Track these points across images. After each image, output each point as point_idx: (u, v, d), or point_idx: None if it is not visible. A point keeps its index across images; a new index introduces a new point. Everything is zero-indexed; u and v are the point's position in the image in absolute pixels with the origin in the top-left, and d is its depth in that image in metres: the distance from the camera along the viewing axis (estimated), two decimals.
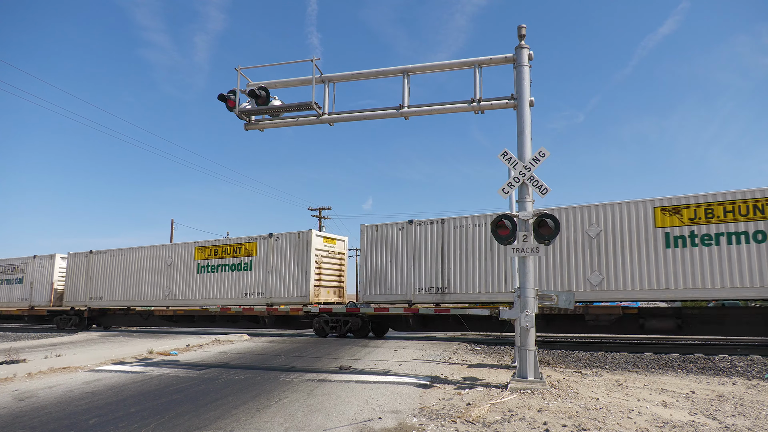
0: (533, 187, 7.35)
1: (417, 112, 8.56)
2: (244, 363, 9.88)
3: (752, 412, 5.55)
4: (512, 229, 7.24)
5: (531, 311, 7.15)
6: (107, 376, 8.45)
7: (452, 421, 5.21)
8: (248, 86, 9.15)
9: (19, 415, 5.72)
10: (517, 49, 7.97)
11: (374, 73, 8.87)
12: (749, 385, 7.17)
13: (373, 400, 6.25)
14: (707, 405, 5.91)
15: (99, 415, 5.68)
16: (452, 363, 9.64)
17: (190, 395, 6.71)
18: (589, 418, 5.26)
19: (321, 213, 38.20)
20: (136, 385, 7.50)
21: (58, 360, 10.24)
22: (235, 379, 7.96)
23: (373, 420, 5.29)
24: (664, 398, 6.29)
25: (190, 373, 8.65)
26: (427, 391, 6.80)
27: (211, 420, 5.35)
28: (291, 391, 6.87)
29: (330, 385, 7.31)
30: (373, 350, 11.85)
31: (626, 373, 8.42)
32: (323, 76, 8.99)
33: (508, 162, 7.52)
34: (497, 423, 5.10)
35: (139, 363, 10.01)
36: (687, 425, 4.99)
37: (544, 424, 5.01)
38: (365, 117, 8.91)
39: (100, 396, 6.76)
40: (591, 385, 7.16)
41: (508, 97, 8.03)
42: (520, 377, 7.10)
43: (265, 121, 9.30)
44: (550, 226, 7.02)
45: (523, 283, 7.29)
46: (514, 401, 6.08)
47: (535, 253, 7.18)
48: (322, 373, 8.51)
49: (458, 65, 8.49)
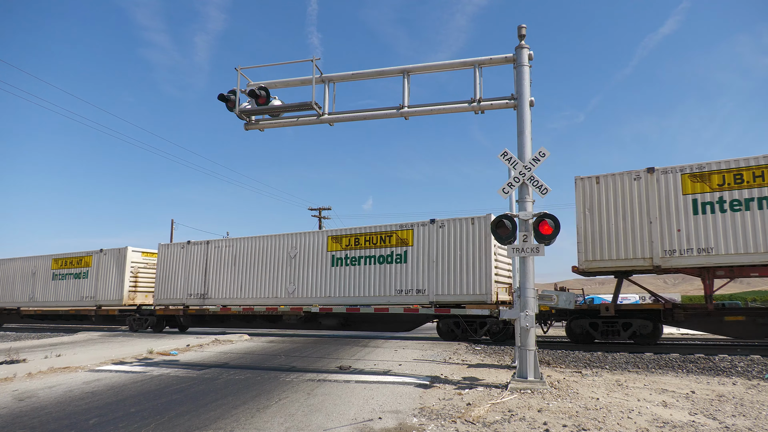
0: (533, 187, 7.35)
1: (417, 112, 8.56)
2: (244, 363, 9.89)
3: (752, 412, 5.55)
4: (512, 229, 7.24)
5: (531, 311, 7.15)
6: (107, 376, 8.45)
7: (452, 421, 5.21)
8: (248, 86, 9.15)
9: (19, 415, 5.72)
10: (517, 49, 7.96)
11: (374, 73, 8.87)
12: (749, 385, 7.17)
13: (373, 400, 6.25)
14: (707, 405, 5.90)
15: (99, 415, 5.68)
16: (452, 363, 9.64)
17: (190, 395, 6.71)
18: (589, 418, 5.26)
19: (321, 213, 38.21)
20: (136, 385, 7.50)
21: (58, 360, 10.24)
22: (235, 379, 7.96)
23: (373, 420, 5.29)
24: (664, 398, 6.29)
25: (190, 373, 8.65)
26: (427, 391, 6.80)
27: (211, 420, 5.35)
28: (291, 391, 6.87)
29: (330, 385, 7.31)
30: (373, 350, 11.85)
31: (626, 373, 8.42)
32: (323, 76, 8.99)
33: (508, 162, 7.52)
34: (497, 423, 5.10)
35: (139, 363, 10.01)
36: (687, 425, 4.99)
37: (544, 424, 5.01)
38: (365, 117, 8.91)
39: (100, 396, 6.76)
40: (591, 385, 7.16)
41: (508, 97, 8.03)
42: (520, 377, 7.10)
43: (265, 121, 9.30)
44: (550, 226, 7.02)
45: (523, 283, 7.28)
46: (514, 401, 6.08)
47: (536, 253, 7.17)
48: (322, 373, 8.51)
49: (458, 65, 8.49)
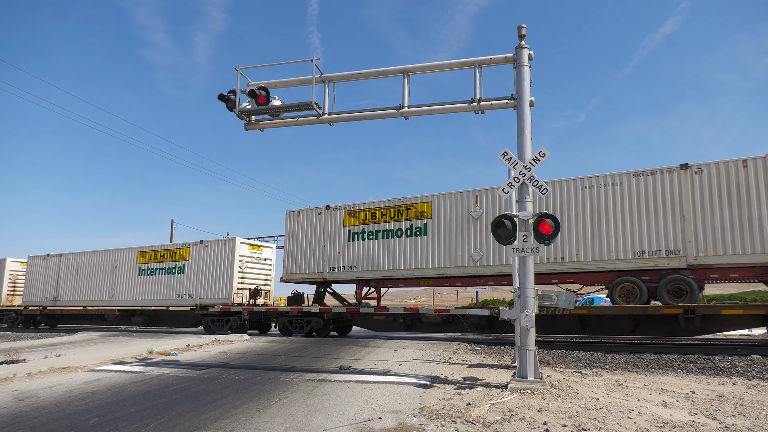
0: (533, 187, 7.35)
1: (417, 112, 8.56)
2: (244, 363, 9.88)
3: (752, 412, 5.55)
4: (512, 229, 7.24)
5: (531, 311, 7.14)
6: (107, 376, 8.45)
7: (452, 421, 5.21)
8: (248, 86, 9.14)
9: (19, 415, 5.72)
10: (517, 49, 7.96)
11: (374, 73, 8.87)
12: (749, 385, 7.17)
13: (373, 400, 6.25)
14: (707, 405, 5.90)
15: (99, 415, 5.68)
16: (452, 363, 9.64)
17: (190, 395, 6.71)
18: (589, 418, 5.26)
19: None
20: (136, 385, 7.50)
21: (58, 360, 10.24)
22: (235, 379, 7.96)
23: (373, 420, 5.29)
24: (664, 398, 6.29)
25: (190, 373, 8.64)
26: (427, 391, 6.80)
27: (211, 420, 5.35)
28: (291, 391, 6.87)
29: (330, 385, 7.31)
30: (373, 350, 11.85)
31: (626, 373, 8.42)
32: (323, 76, 8.99)
33: (508, 162, 7.52)
34: (497, 423, 5.10)
35: (139, 363, 10.01)
36: (687, 425, 4.99)
37: (544, 424, 5.01)
38: (365, 117, 8.91)
39: (100, 396, 6.75)
40: (591, 385, 7.16)
41: (508, 97, 8.02)
42: (520, 377, 7.10)
43: (265, 121, 9.30)
44: (550, 226, 7.02)
45: (523, 283, 7.28)
46: (514, 401, 6.07)
47: (536, 252, 7.17)
48: (322, 373, 8.50)
49: (458, 65, 8.49)
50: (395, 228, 15.18)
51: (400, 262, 15.07)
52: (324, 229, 16.34)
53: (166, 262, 19.90)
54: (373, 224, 15.52)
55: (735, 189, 11.41)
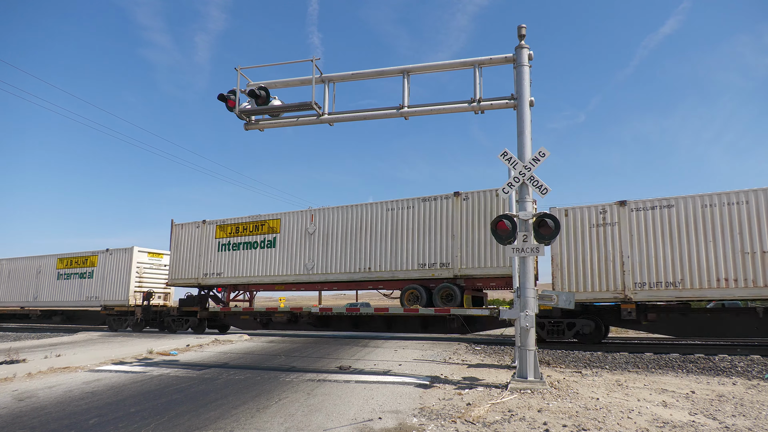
0: (533, 187, 7.35)
1: (417, 112, 8.56)
2: (244, 363, 9.88)
3: (752, 412, 5.55)
4: (512, 228, 7.24)
5: (531, 311, 7.14)
6: (107, 376, 8.45)
7: (452, 421, 5.21)
8: (248, 86, 9.14)
9: (19, 415, 5.72)
10: (517, 49, 7.96)
11: (374, 73, 8.87)
12: (749, 385, 7.17)
13: (373, 400, 6.25)
14: (707, 405, 5.90)
15: (99, 415, 5.68)
16: (452, 363, 9.64)
17: (190, 395, 6.71)
18: (589, 418, 5.26)
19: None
20: (135, 385, 7.50)
21: (58, 360, 10.24)
22: (235, 379, 7.95)
23: (373, 420, 5.29)
24: (664, 398, 6.29)
25: (190, 373, 8.64)
26: (427, 391, 6.80)
27: (211, 420, 5.35)
28: (291, 391, 6.87)
29: (330, 385, 7.31)
30: (373, 350, 11.85)
31: (626, 373, 8.42)
32: (323, 76, 8.99)
33: (508, 162, 7.52)
34: (497, 423, 5.10)
35: (139, 363, 10.01)
36: (687, 425, 4.99)
37: (544, 424, 5.01)
38: (365, 117, 8.91)
39: (100, 396, 6.75)
40: (591, 385, 7.15)
41: (508, 97, 8.02)
42: (520, 377, 7.10)
43: (265, 121, 9.30)
44: (550, 226, 7.01)
45: (522, 283, 7.28)
46: (514, 401, 6.07)
47: (535, 253, 7.17)
48: (322, 373, 8.50)
49: (458, 65, 8.49)
50: (253, 240, 17.73)
51: (256, 270, 17.44)
52: (200, 241, 18.98)
53: (80, 268, 22.37)
54: (237, 237, 18.17)
55: (490, 213, 13.75)
